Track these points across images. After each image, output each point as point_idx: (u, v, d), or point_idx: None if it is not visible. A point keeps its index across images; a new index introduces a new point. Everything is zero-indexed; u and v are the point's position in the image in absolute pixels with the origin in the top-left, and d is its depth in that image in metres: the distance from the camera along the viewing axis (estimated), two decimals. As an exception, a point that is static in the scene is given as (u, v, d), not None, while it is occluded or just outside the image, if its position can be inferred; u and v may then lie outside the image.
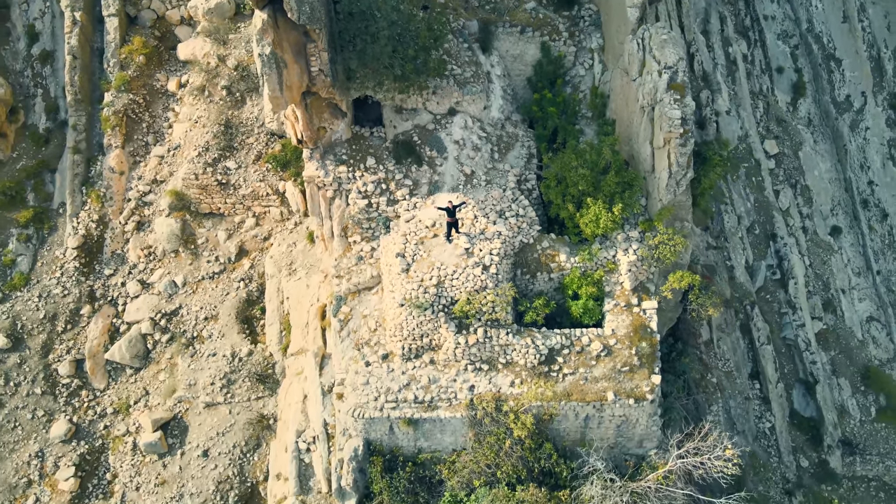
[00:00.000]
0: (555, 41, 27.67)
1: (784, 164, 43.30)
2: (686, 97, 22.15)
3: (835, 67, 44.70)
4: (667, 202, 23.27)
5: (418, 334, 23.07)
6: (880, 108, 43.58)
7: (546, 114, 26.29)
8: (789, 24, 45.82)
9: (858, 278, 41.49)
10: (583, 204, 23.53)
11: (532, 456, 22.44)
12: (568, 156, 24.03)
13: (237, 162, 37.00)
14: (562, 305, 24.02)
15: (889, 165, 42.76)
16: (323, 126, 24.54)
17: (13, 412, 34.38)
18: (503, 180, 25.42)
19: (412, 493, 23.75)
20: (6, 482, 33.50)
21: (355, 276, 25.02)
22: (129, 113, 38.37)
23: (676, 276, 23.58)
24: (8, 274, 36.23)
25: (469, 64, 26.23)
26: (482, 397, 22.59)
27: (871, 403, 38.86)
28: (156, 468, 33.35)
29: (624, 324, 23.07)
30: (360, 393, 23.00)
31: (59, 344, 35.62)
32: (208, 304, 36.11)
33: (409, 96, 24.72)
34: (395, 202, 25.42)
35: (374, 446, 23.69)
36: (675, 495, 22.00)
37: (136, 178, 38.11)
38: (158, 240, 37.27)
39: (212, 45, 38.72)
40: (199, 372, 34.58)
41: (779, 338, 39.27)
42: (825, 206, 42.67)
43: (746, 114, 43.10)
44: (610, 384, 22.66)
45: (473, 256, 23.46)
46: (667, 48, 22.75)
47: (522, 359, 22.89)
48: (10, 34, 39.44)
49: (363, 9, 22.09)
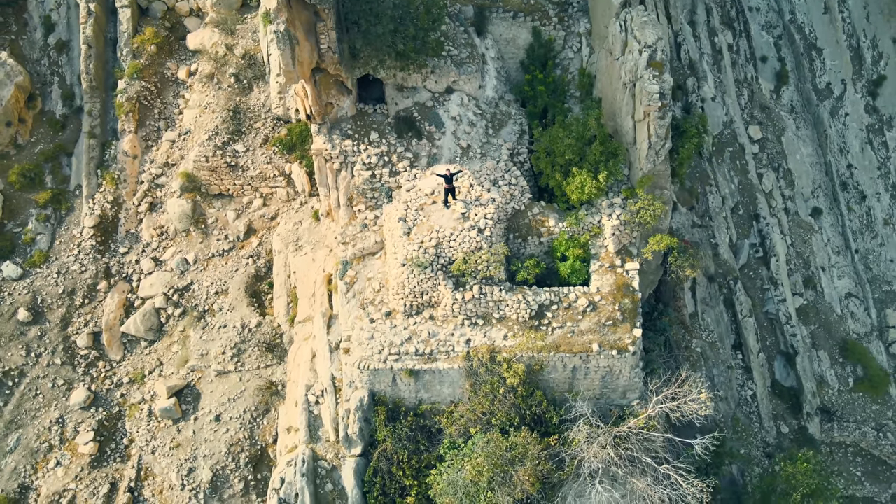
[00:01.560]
0: (545, 26, 29.87)
1: (767, 148, 45.34)
2: (664, 74, 24.29)
3: (816, 56, 46.75)
4: (647, 171, 25.43)
5: (419, 292, 25.21)
6: (859, 95, 45.69)
7: (537, 93, 28.45)
8: (773, 15, 47.88)
9: (838, 257, 43.59)
10: (570, 173, 25.71)
11: (524, 403, 24.53)
12: (556, 129, 26.22)
13: (245, 145, 38.97)
14: (551, 267, 26.16)
15: (867, 149, 44.89)
16: (330, 102, 26.69)
17: (34, 381, 36.32)
18: (497, 153, 27.60)
19: (413, 441, 25.85)
20: (28, 447, 35.45)
21: (360, 242, 27.16)
22: (141, 99, 40.30)
23: (656, 238, 25.74)
24: (28, 251, 38.19)
25: (465, 46, 28.45)
26: (478, 349, 24.72)
27: (849, 374, 40.92)
28: (170, 432, 35.31)
29: (608, 283, 25.23)
30: (365, 347, 25.13)
31: (78, 317, 37.55)
32: (218, 279, 38.06)
33: (410, 74, 26.88)
34: (396, 173, 27.59)
35: (378, 397, 25.79)
36: (654, 438, 24.06)
37: (148, 162, 40.05)
38: (170, 219, 39.22)
39: (220, 35, 40.77)
40: (210, 343, 36.57)
41: (761, 312, 41.36)
42: (806, 188, 44.74)
43: (731, 100, 45.15)
44: (595, 337, 24.80)
45: (469, 220, 25.63)
46: (647, 29, 24.92)
47: (515, 314, 25.04)
48: (27, 24, 41.37)
49: (369, -5, 24.38)
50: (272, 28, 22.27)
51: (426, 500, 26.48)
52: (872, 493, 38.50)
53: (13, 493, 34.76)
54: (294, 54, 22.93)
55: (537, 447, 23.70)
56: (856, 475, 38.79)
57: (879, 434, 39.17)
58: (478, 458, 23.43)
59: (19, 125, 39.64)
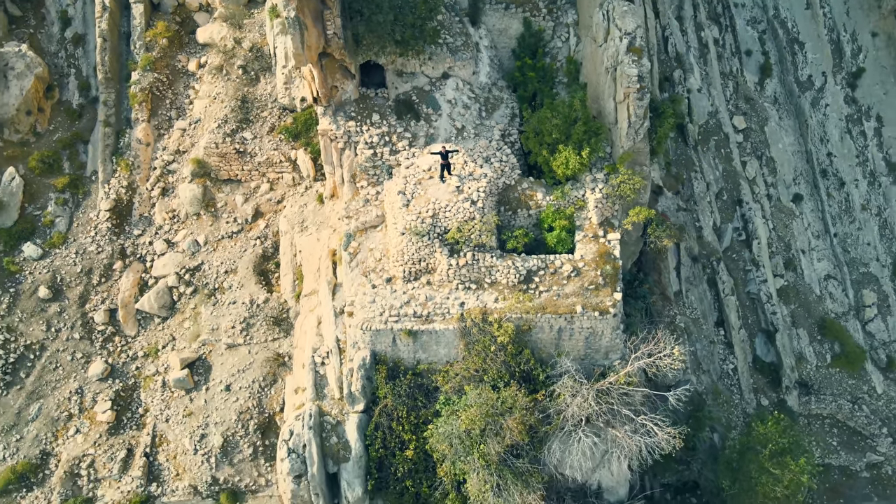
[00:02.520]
0: (535, 17, 32.31)
1: (751, 137, 47.69)
2: (642, 58, 26.65)
3: (798, 50, 49.12)
4: (627, 148, 27.78)
5: (417, 259, 27.55)
6: (839, 87, 48.05)
7: (527, 79, 30.86)
8: (757, 11, 50.24)
9: (817, 240, 45.91)
10: (556, 150, 28.08)
11: (513, 361, 26.84)
12: (544, 111, 28.63)
13: (253, 133, 41.32)
14: (539, 238, 28.51)
15: (846, 138, 47.22)
16: (335, 86, 29.07)
17: (54, 354, 38.62)
18: (489, 134, 29.99)
19: (412, 398, 28.16)
20: (49, 416, 37.75)
21: (362, 216, 29.53)
22: (153, 90, 42.64)
23: (636, 210, 28.09)
24: (48, 233, 40.51)
25: (460, 35, 30.87)
26: (471, 311, 27.05)
27: (827, 351, 43.21)
28: (183, 402, 37.58)
29: (591, 251, 27.57)
30: (367, 310, 27.47)
31: (95, 295, 39.86)
32: (228, 259, 40.39)
33: (408, 60, 29.30)
34: (396, 152, 29.99)
35: (379, 357, 28.11)
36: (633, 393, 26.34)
37: (160, 149, 42.38)
38: (182, 204, 41.53)
39: (228, 29, 43.15)
40: (220, 318, 38.89)
41: (743, 292, 43.67)
42: (788, 175, 47.07)
43: (717, 92, 47.52)
44: (578, 299, 27.11)
45: (463, 193, 27.99)
46: (627, 17, 27.32)
47: (505, 278, 27.39)
48: (44, 19, 43.74)
49: (371, -16, 26.85)
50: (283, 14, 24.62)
51: (424, 453, 28.78)
52: (848, 461, 40.75)
53: (35, 458, 37.04)
54: (303, 39, 25.31)
55: (525, 399, 25.98)
56: (832, 445, 41.05)
57: (855, 406, 41.44)
58: (471, 409, 25.72)
59: (38, 114, 41.97)
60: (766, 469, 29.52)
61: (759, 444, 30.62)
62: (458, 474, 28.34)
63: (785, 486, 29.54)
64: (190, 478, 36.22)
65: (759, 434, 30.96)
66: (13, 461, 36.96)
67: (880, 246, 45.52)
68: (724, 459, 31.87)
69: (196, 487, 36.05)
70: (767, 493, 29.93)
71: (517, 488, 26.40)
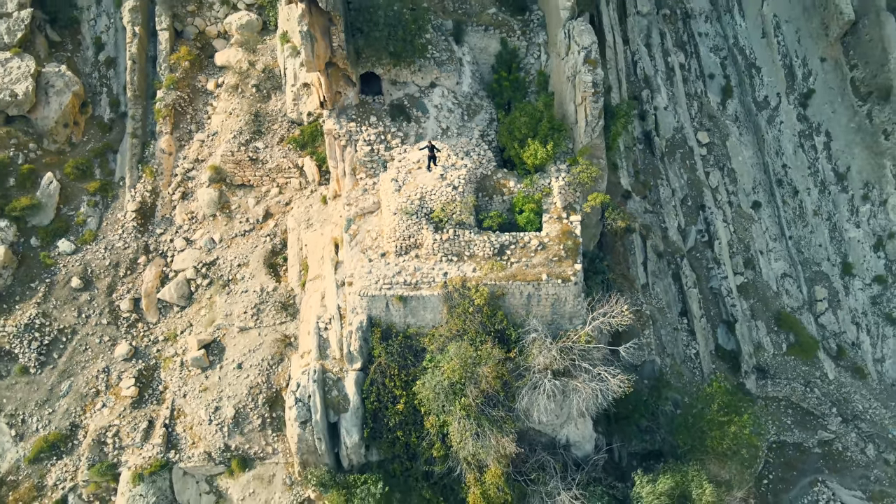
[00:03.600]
0: (511, 37, 37.95)
1: (714, 151, 53.14)
2: (597, 69, 32.08)
3: (755, 74, 54.88)
4: (585, 143, 32.99)
5: (407, 235, 32.53)
6: (792, 106, 53.62)
7: (503, 89, 36.33)
8: (719, 39, 56.19)
9: (774, 242, 50.96)
10: (525, 143, 33.29)
11: (489, 321, 31.59)
12: (515, 112, 33.95)
13: (265, 143, 46.76)
14: (511, 220, 33.53)
15: (799, 152, 52.60)
16: (339, 91, 34.47)
17: (84, 338, 43.33)
18: (470, 133, 35.30)
19: (402, 357, 32.84)
20: (78, 392, 42.31)
21: (361, 203, 34.64)
22: (176, 106, 48.18)
23: (594, 196, 33.18)
24: (80, 231, 45.58)
25: (445, 51, 36.46)
26: (452, 280, 31.90)
27: (783, 341, 47.88)
28: (199, 379, 42.14)
29: (555, 230, 32.56)
30: (364, 279, 32.37)
31: (121, 286, 44.75)
32: (240, 254, 45.39)
33: (401, 71, 34.75)
34: (390, 148, 35.27)
35: (375, 321, 32.87)
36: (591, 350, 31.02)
37: (181, 158, 47.75)
38: (200, 206, 46.70)
39: (243, 53, 49.00)
40: (233, 305, 43.72)
41: (706, 287, 48.58)
42: (748, 184, 52.35)
43: (682, 110, 53.14)
44: (544, 269, 32.00)
45: (446, 180, 33.14)
46: (584, 35, 32.86)
47: (481, 251, 32.35)
48: (81, 44, 49.57)
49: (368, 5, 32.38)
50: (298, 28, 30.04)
51: (413, 408, 33.35)
52: (801, 438, 45.08)
53: (65, 429, 41.49)
54: (314, 49, 30.73)
55: (499, 353, 30.67)
56: (787, 423, 45.43)
57: (807, 389, 45.93)
58: (452, 361, 30.38)
59: (74, 127, 47.49)
60: (713, 422, 33.99)
61: (707, 403, 35.10)
62: (443, 426, 32.87)
63: (731, 438, 33.94)
64: (205, 445, 40.56)
65: (706, 394, 35.46)
66: (45, 432, 41.39)
67: (830, 247, 50.49)
68: (679, 421, 36.31)
69: (210, 454, 40.36)
70: (715, 447, 34.32)
71: (493, 433, 30.89)
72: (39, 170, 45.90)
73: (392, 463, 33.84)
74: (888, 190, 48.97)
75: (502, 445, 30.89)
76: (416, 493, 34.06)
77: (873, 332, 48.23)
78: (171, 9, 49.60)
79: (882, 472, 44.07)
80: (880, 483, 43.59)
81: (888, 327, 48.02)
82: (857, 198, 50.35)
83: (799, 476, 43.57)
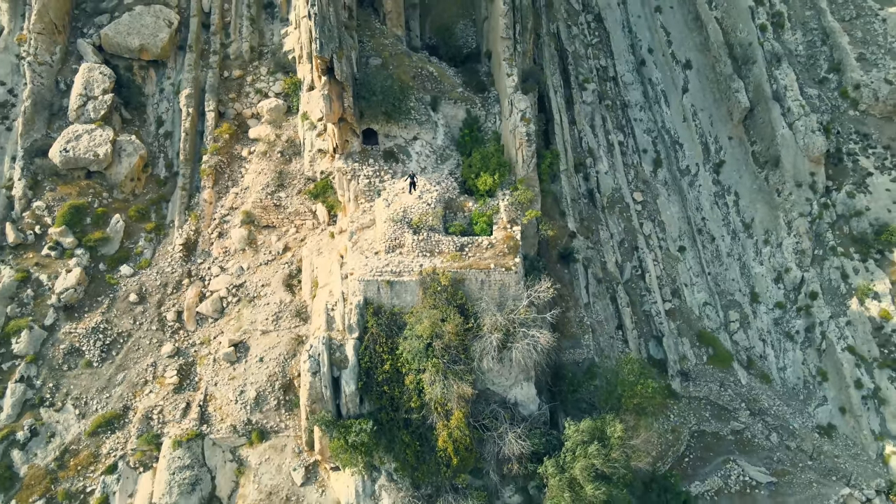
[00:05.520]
0: (473, 108, 52.60)
1: (647, 207, 66.91)
2: (530, 125, 46.36)
3: (679, 149, 69.57)
4: (522, 175, 46.63)
5: (393, 237, 45.46)
6: (708, 173, 67.87)
7: (466, 142, 50.57)
8: (651, 123, 71.36)
9: (697, 278, 63.62)
10: (480, 175, 47.01)
11: (452, 298, 43.87)
12: (475, 155, 47.97)
13: (286, 193, 60.55)
14: (469, 229, 46.60)
15: (714, 208, 66.26)
16: (347, 140, 48.56)
17: (137, 340, 55.22)
18: (441, 171, 49.15)
19: (388, 328, 44.76)
20: (130, 381, 53.70)
21: (361, 220, 47.91)
22: (217, 167, 62.35)
23: (529, 212, 46.43)
24: (138, 259, 58.44)
25: (425, 114, 51.02)
26: (426, 269, 44.44)
27: (704, 353, 59.51)
28: (228, 371, 53.70)
29: (502, 235, 45.48)
30: (362, 269, 44.99)
31: (168, 301, 57.07)
32: (264, 278, 58.06)
33: (392, 127, 49.05)
34: (383, 181, 48.98)
35: (369, 301, 45.03)
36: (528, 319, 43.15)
37: (220, 206, 61.39)
38: (233, 242, 59.81)
39: (271, 129, 63.83)
40: (257, 314, 55.93)
41: (640, 310, 60.81)
42: (674, 233, 65.67)
43: (620, 175, 67.40)
44: (493, 261, 44.64)
45: (423, 199, 46.51)
46: (521, 102, 47.41)
47: (447, 248, 45.08)
48: (146, 121, 64.49)
49: (368, 80, 47.14)
50: (321, 94, 44.44)
51: (396, 370, 44.97)
52: (717, 428, 55.77)
53: (118, 410, 52.57)
54: (331, 107, 45.05)
55: (458, 318, 42.74)
56: (705, 416, 56.26)
57: (722, 389, 57.10)
58: (424, 323, 42.49)
59: (138, 181, 61.50)
60: (626, 383, 45.41)
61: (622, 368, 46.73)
62: (419, 383, 44.39)
63: (639, 396, 45.25)
64: (231, 420, 51.59)
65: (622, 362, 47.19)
66: (103, 411, 52.51)
67: (741, 281, 63.11)
68: (602, 386, 47.69)
69: (235, 427, 51.29)
70: (627, 404, 45.52)
71: (455, 381, 42.41)
72: (110, 212, 59.44)
73: (380, 413, 45.01)
74: (782, 235, 62.20)
75: (462, 389, 42.40)
76: (399, 439, 45.01)
77: (776, 346, 59.91)
78: (216, 96, 64.91)
79: (784, 455, 54.49)
80: (782, 463, 53.92)
81: (788, 343, 59.74)
82: (760, 242, 63.48)
83: (715, 456, 53.98)
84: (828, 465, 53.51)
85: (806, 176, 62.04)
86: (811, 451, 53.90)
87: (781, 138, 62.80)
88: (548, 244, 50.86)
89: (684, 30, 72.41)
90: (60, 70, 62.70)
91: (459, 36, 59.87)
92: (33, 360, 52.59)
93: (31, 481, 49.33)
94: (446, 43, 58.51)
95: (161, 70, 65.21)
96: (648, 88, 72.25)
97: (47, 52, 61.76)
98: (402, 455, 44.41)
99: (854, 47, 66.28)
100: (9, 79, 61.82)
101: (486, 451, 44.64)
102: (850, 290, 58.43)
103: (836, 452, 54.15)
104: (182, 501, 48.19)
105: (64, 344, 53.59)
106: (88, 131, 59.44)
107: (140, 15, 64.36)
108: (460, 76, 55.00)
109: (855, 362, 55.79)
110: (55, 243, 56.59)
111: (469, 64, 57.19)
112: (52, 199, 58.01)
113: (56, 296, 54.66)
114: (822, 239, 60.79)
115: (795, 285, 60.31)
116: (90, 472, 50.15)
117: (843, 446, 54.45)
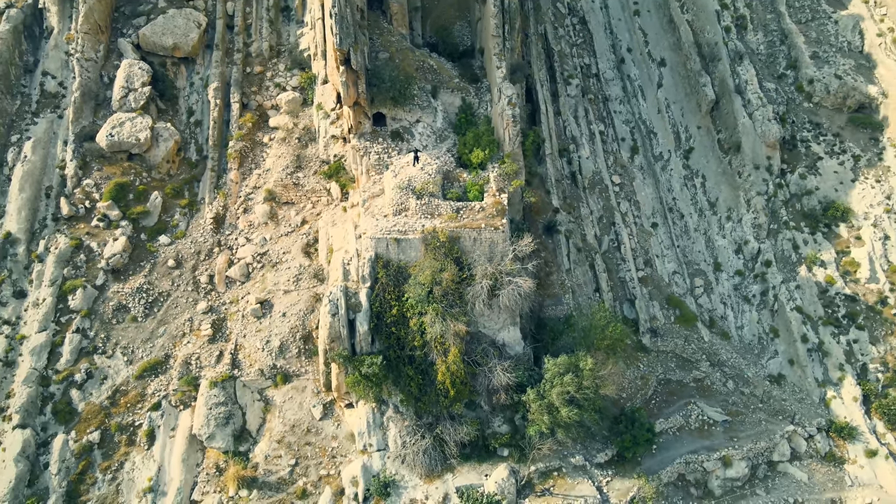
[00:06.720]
0: (468, 96, 61.80)
1: (624, 189, 75.76)
2: (516, 108, 55.38)
3: (654, 137, 78.48)
4: (509, 151, 55.69)
5: (399, 202, 54.40)
6: (678, 159, 76.81)
7: (462, 124, 59.67)
8: (629, 114, 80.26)
9: (667, 250, 72.46)
10: (473, 150, 56.08)
11: (450, 253, 52.73)
12: (469, 133, 57.08)
13: (304, 174, 69.47)
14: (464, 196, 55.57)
15: (684, 189, 75.15)
16: (360, 122, 57.58)
17: (176, 298, 63.97)
18: (441, 148, 58.22)
19: (396, 279, 53.57)
20: (170, 334, 62.40)
21: (372, 189, 56.88)
22: (241, 152, 71.24)
23: (515, 182, 55.38)
24: (174, 230, 67.23)
25: (426, 101, 60.13)
26: (427, 229, 53.37)
27: (671, 315, 68.23)
28: (255, 325, 62.42)
29: (491, 201, 54.33)
30: (373, 229, 53.87)
31: (201, 266, 65.84)
32: (285, 246, 66.86)
33: (398, 111, 58.10)
34: (391, 157, 58.08)
35: (379, 256, 53.85)
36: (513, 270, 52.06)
37: (245, 185, 70.29)
38: (256, 217, 68.61)
39: (290, 118, 72.80)
40: (279, 276, 64.66)
41: (616, 277, 69.61)
42: (648, 211, 74.49)
43: (600, 160, 76.27)
44: (483, 222, 53.55)
45: (425, 171, 55.49)
46: (508, 89, 56.45)
47: (445, 211, 53.97)
48: (178, 111, 73.40)
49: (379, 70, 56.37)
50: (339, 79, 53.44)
51: (402, 314, 53.81)
52: (681, 377, 64.36)
53: (161, 357, 61.25)
54: (348, 91, 54.07)
55: (454, 268, 51.62)
56: (671, 366, 64.92)
57: (686, 344, 65.83)
58: (426, 272, 51.35)
59: (172, 163, 70.40)
60: (597, 327, 54.27)
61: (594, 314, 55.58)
62: (421, 326, 53.21)
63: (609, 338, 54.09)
64: (259, 365, 60.28)
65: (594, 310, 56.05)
66: (147, 358, 61.24)
67: (706, 252, 71.94)
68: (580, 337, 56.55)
69: (262, 371, 59.97)
70: (598, 345, 54.34)
71: (451, 320, 51.23)
72: (149, 190, 68.23)
73: (388, 350, 53.78)
74: (742, 211, 71.06)
75: (457, 327, 51.23)
76: (404, 374, 53.77)
77: (735, 308, 68.64)
78: (240, 89, 73.82)
79: (738, 399, 63.10)
80: (736, 406, 62.51)
81: (745, 305, 68.47)
82: (723, 218, 72.32)
83: (678, 399, 62.57)
84: (776, 407, 62.16)
85: (763, 160, 70.93)
86: (762, 395, 62.57)
87: (742, 126, 71.67)
88: (531, 210, 59.85)
89: (660, 31, 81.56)
90: (104, 65, 71.70)
91: (456, 35, 69.27)
92: (87, 314, 61.26)
93: (88, 416, 57.96)
94: (445, 41, 67.94)
95: (191, 66, 74.21)
96: (627, 84, 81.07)
97: (92, 50, 70.78)
98: (406, 387, 53.12)
99: (809, 46, 75.46)
100: (59, 73, 70.83)
101: (478, 384, 53.35)
102: (800, 258, 67.21)
103: (783, 397, 62.82)
104: (218, 432, 56.77)
105: (113, 301, 62.27)
106: (130, 119, 68.32)
107: (173, 17, 73.46)
108: (457, 69, 64.32)
109: (802, 320, 64.46)
110: (103, 215, 65.38)
111: (465, 59, 66.60)
112: (100, 178, 66.86)
113: (105, 260, 63.40)
114: (776, 215, 69.64)
115: (753, 255, 69.08)
116: (138, 409, 58.74)
117: (791, 392, 63.12)
